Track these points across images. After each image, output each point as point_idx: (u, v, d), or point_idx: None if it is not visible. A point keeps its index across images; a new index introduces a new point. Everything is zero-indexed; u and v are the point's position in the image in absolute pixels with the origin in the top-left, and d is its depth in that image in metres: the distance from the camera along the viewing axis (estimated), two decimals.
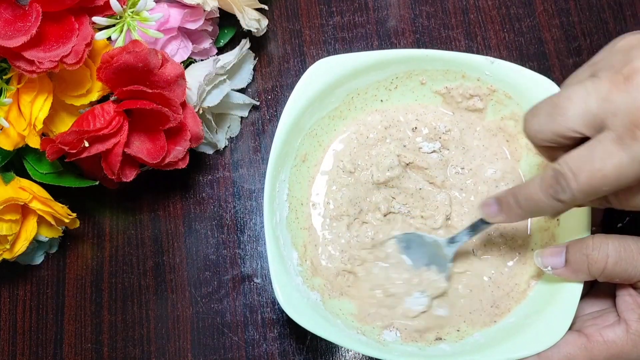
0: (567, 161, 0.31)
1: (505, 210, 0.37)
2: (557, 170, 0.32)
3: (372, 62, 0.44)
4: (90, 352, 0.48)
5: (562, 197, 0.32)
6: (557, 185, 0.32)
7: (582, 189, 0.31)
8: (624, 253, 0.35)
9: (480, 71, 0.44)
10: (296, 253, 0.43)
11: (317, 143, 0.46)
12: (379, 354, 0.39)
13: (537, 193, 0.34)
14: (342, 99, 0.45)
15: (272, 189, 0.42)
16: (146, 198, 0.52)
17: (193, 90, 0.46)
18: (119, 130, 0.42)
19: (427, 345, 0.41)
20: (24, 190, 0.44)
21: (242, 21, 0.48)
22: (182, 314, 0.49)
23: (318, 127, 0.46)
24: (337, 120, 0.47)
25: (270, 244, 0.40)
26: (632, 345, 0.36)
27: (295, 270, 0.42)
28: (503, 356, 0.38)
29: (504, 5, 0.55)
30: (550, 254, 0.38)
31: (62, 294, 0.50)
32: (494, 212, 0.37)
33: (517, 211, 0.36)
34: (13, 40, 0.37)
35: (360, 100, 0.46)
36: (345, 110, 0.46)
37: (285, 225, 0.43)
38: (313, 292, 0.42)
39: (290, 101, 0.43)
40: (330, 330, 0.39)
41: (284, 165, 0.43)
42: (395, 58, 0.44)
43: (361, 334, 0.41)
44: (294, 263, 0.42)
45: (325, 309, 0.41)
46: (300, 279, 0.42)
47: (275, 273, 0.39)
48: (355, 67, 0.44)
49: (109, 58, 0.40)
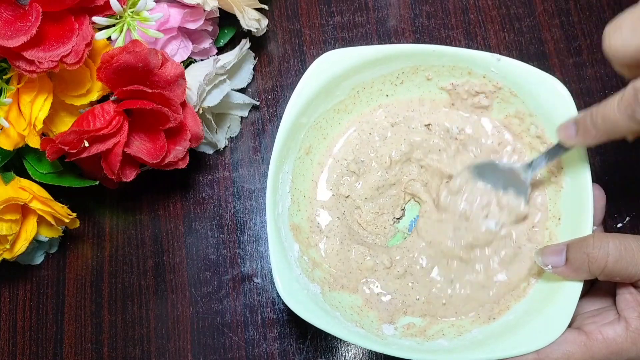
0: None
1: (581, 132, 0.35)
2: (637, 89, 0.31)
3: (379, 56, 0.44)
4: (90, 352, 0.48)
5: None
6: (637, 104, 0.31)
7: None
8: (624, 251, 0.35)
9: (487, 68, 0.43)
10: (297, 245, 0.43)
11: (321, 136, 0.46)
12: (378, 347, 0.39)
13: (614, 113, 0.32)
14: (347, 93, 0.45)
15: (275, 180, 0.42)
16: (146, 198, 0.52)
17: (193, 90, 0.46)
18: (119, 130, 0.42)
19: (426, 340, 0.41)
20: (24, 190, 0.44)
21: (242, 21, 0.48)
22: (182, 314, 0.49)
23: (323, 119, 0.46)
24: (342, 114, 0.47)
25: (271, 235, 0.40)
26: (631, 343, 0.36)
27: (295, 261, 0.42)
28: (502, 353, 0.38)
29: (504, 5, 0.55)
30: (551, 253, 0.38)
31: (62, 294, 0.50)
32: (571, 135, 0.36)
33: (593, 132, 0.34)
34: (13, 40, 0.37)
35: (365, 94, 0.46)
36: (351, 104, 0.46)
37: (288, 217, 0.43)
38: (313, 284, 0.42)
39: (295, 93, 0.43)
40: (329, 322, 0.39)
41: (287, 157, 0.43)
42: (402, 53, 0.44)
43: (360, 327, 0.41)
44: (295, 255, 0.42)
45: (325, 301, 0.41)
46: (300, 270, 0.42)
47: (276, 264, 0.39)
48: (362, 60, 0.44)
49: (109, 58, 0.40)
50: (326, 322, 0.39)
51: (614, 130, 0.34)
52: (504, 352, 0.38)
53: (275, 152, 0.42)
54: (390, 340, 0.41)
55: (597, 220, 0.41)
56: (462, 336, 0.41)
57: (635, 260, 0.35)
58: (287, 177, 0.44)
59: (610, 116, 0.33)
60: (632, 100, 0.31)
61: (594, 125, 0.34)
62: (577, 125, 0.36)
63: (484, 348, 0.39)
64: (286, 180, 0.44)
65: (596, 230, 0.41)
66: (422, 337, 0.42)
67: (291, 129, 0.43)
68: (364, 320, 0.42)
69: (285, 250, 0.41)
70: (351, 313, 0.42)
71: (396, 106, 0.47)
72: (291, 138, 0.43)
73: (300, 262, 0.42)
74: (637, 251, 0.35)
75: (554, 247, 0.38)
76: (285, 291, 0.39)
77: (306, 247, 0.44)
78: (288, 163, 0.44)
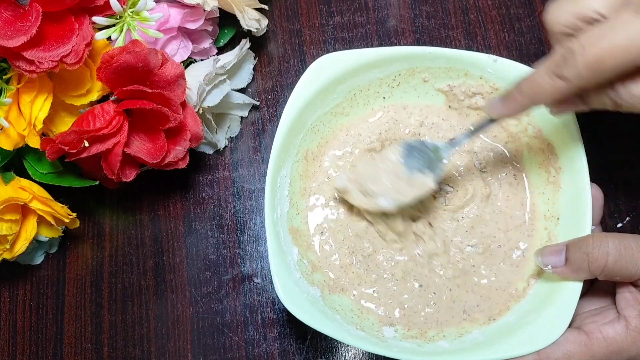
0: (579, 37, 0.31)
1: (506, 101, 0.36)
2: (566, 46, 0.31)
3: (376, 58, 0.44)
4: (90, 352, 0.48)
5: (566, 72, 0.31)
6: (562, 61, 0.31)
7: (588, 63, 0.30)
8: (624, 251, 0.35)
9: (483, 69, 0.44)
10: (296, 248, 0.43)
11: (318, 139, 0.46)
12: (378, 350, 0.39)
13: (541, 74, 0.33)
14: (344, 96, 0.46)
15: (274, 184, 0.42)
16: (146, 198, 0.52)
17: (193, 90, 0.46)
18: (119, 130, 0.42)
19: (426, 342, 0.41)
20: (24, 190, 0.44)
21: (242, 21, 0.48)
22: (182, 314, 0.49)
23: (320, 123, 0.46)
24: (339, 117, 0.47)
25: (270, 239, 0.40)
26: (631, 342, 0.36)
27: (295, 265, 0.42)
28: (502, 354, 0.38)
29: (504, 5, 0.55)
30: (550, 253, 0.38)
31: (62, 294, 0.50)
32: (497, 106, 0.37)
33: (518, 98, 0.35)
34: (13, 40, 0.37)
35: (362, 97, 0.46)
36: (348, 107, 0.46)
37: (286, 220, 0.43)
38: (313, 287, 0.42)
39: (292, 96, 0.43)
40: (329, 325, 0.39)
41: (285, 160, 0.43)
42: (399, 55, 0.44)
43: (360, 329, 0.41)
44: (294, 259, 0.42)
45: (325, 304, 0.41)
46: (299, 274, 0.42)
47: (276, 267, 0.39)
48: (359, 63, 0.44)
49: (109, 58, 0.40)
50: (326, 325, 0.39)
51: (539, 94, 0.34)
52: (505, 353, 0.38)
53: (273, 156, 0.42)
54: (390, 343, 0.41)
55: (596, 220, 0.41)
56: (462, 337, 0.41)
57: (635, 259, 0.35)
58: (285, 181, 0.44)
59: (536, 79, 0.34)
60: (559, 60, 0.32)
61: (520, 92, 0.35)
62: (504, 96, 0.37)
63: (484, 349, 0.39)
64: (284, 183, 0.44)
65: (595, 230, 0.41)
66: (423, 339, 0.42)
67: (288, 133, 0.43)
68: (364, 323, 0.42)
69: (285, 254, 0.41)
70: (351, 316, 0.42)
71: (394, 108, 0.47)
72: (289, 142, 0.43)
73: (299, 265, 0.42)
74: (636, 251, 0.35)
75: (553, 247, 0.39)
76: (285, 295, 0.39)
77: (305, 250, 0.44)
78: (286, 167, 0.44)
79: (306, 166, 0.46)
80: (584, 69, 0.31)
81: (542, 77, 0.33)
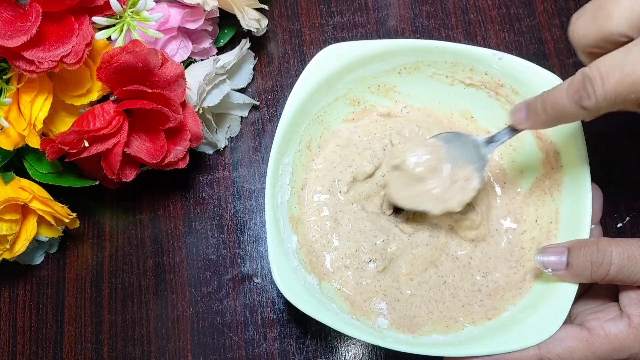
0: (598, 64, 0.30)
1: (532, 116, 0.36)
2: (585, 74, 0.31)
3: (382, 50, 0.44)
4: (90, 352, 0.48)
5: (586, 104, 0.31)
6: (583, 91, 0.31)
7: (607, 96, 0.30)
8: (627, 260, 0.35)
9: (489, 65, 0.43)
10: (295, 237, 0.43)
11: (322, 129, 0.46)
12: (373, 340, 0.39)
13: (563, 98, 0.33)
14: (349, 86, 0.45)
15: (275, 171, 0.42)
16: (146, 198, 0.52)
17: (193, 90, 0.46)
18: (119, 130, 0.42)
19: (421, 334, 0.41)
20: (24, 190, 0.44)
21: (242, 21, 0.48)
22: (182, 314, 0.49)
23: (324, 113, 0.46)
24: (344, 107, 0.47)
25: (270, 225, 0.40)
26: (634, 339, 0.36)
27: (293, 253, 0.42)
28: (496, 348, 0.38)
29: (504, 5, 0.55)
30: (551, 253, 0.38)
31: (62, 294, 0.50)
32: (522, 119, 0.37)
33: (542, 117, 0.35)
34: (13, 40, 0.37)
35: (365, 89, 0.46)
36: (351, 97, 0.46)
37: (287, 208, 0.43)
38: (310, 275, 0.42)
39: (297, 85, 0.43)
40: (325, 313, 0.39)
41: (288, 149, 0.43)
42: (405, 48, 0.44)
43: (356, 319, 0.41)
44: (293, 247, 0.42)
45: (322, 293, 0.41)
46: (297, 262, 0.42)
47: (274, 255, 0.39)
48: (364, 54, 0.44)
49: (109, 58, 0.40)
50: (322, 313, 0.39)
51: (562, 116, 0.34)
52: (499, 347, 0.38)
53: (276, 144, 0.42)
54: (385, 333, 0.41)
55: (595, 219, 0.41)
56: (457, 332, 0.41)
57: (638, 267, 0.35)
58: (287, 169, 0.44)
59: (558, 102, 0.33)
60: (579, 87, 0.31)
61: (544, 110, 0.35)
62: (528, 109, 0.36)
63: (479, 343, 0.39)
64: (286, 172, 0.44)
65: (594, 229, 0.41)
66: (418, 332, 0.42)
67: (292, 122, 0.43)
68: (359, 313, 0.42)
69: (284, 241, 0.41)
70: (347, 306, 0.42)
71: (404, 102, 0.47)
72: (292, 130, 0.43)
73: (298, 253, 0.42)
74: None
75: (554, 248, 0.38)
76: (283, 282, 0.39)
77: (304, 239, 0.44)
78: (288, 155, 0.44)
79: (309, 156, 0.46)
80: (604, 101, 0.30)
81: (564, 102, 0.33)
